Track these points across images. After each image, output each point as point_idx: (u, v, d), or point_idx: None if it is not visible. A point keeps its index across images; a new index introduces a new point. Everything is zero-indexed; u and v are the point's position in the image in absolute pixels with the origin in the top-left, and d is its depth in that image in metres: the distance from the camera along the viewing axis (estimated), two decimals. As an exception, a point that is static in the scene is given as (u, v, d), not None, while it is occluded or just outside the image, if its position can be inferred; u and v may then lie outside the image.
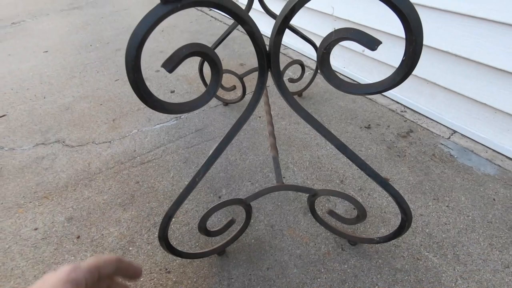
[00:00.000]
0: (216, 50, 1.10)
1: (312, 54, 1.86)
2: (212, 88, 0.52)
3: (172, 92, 1.63)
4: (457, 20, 1.05)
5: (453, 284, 0.76)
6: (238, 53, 1.99)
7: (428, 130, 1.23)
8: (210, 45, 1.21)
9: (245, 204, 0.78)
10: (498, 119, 1.08)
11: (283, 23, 0.48)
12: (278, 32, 0.50)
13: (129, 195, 1.07)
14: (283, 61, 1.84)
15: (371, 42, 0.45)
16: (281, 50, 1.97)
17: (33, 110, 1.57)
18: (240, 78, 1.36)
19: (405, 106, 1.37)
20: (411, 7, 0.41)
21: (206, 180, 1.09)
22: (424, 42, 1.17)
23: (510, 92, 1.01)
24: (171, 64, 0.42)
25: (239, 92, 1.54)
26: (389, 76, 0.49)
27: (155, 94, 1.65)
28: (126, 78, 1.79)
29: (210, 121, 1.38)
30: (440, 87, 1.21)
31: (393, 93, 1.41)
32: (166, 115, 1.45)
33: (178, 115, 1.45)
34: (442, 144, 1.16)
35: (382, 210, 0.94)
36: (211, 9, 2.84)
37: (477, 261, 0.80)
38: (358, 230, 0.90)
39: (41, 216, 1.01)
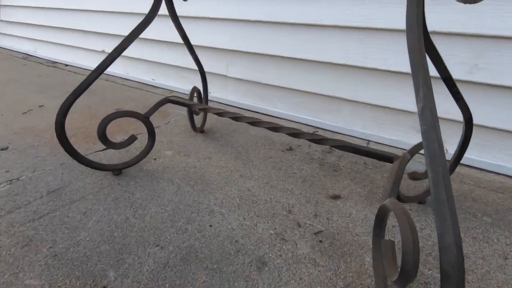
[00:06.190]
0: (80, 98, 0.76)
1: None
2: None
3: (4, 149, 1.06)
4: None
5: None
6: (111, 100, 1.59)
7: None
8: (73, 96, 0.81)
9: None
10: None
11: None
12: None
13: None
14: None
15: None
16: (120, 82, 1.71)
17: None
18: (146, 118, 0.97)
19: (315, 127, 1.30)
20: None
21: (73, 265, 0.60)
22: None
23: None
24: None
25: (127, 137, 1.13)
26: None
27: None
28: None
29: (75, 176, 0.90)
30: (344, 100, 1.20)
31: (303, 117, 1.34)
32: (-11, 180, 0.87)
33: (16, 176, 0.89)
34: (365, 153, 1.09)
35: (351, 233, 0.70)
36: (67, 65, 2.36)
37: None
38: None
39: None
